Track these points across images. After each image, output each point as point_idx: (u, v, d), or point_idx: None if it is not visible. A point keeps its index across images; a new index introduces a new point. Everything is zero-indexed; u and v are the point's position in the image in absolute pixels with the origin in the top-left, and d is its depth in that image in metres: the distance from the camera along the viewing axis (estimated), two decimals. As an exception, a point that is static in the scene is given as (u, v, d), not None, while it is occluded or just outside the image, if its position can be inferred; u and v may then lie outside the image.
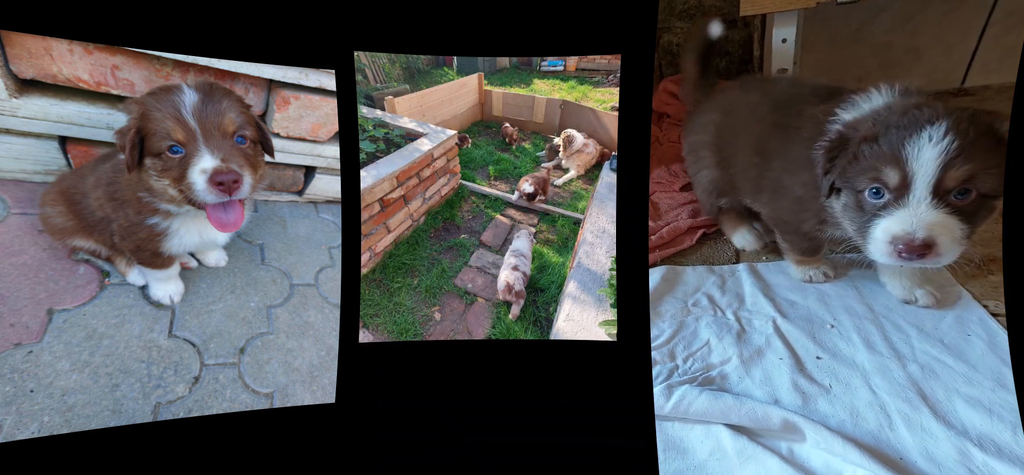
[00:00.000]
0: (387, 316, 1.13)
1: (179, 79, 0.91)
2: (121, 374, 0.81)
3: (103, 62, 0.87)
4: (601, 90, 1.50)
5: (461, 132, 1.65)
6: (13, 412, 0.73)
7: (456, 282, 1.27)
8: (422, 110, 1.58)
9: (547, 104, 1.79)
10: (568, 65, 1.59)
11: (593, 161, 1.67)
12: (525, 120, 1.85)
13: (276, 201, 1.17)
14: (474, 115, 1.84)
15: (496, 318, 1.20)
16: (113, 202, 0.82)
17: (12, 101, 0.84)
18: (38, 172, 0.92)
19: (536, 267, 1.32)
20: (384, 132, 1.42)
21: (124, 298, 0.89)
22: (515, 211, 1.56)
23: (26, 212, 0.90)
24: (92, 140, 0.92)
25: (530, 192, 1.53)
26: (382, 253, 1.29)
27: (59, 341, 0.80)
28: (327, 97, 1.04)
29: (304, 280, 1.06)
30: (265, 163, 0.86)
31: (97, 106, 0.90)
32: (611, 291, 1.05)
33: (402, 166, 1.32)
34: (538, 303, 1.23)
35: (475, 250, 1.40)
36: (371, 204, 1.23)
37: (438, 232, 1.45)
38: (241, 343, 0.92)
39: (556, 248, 1.42)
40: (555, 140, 1.69)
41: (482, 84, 1.81)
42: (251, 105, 0.84)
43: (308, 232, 1.15)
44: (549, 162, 1.73)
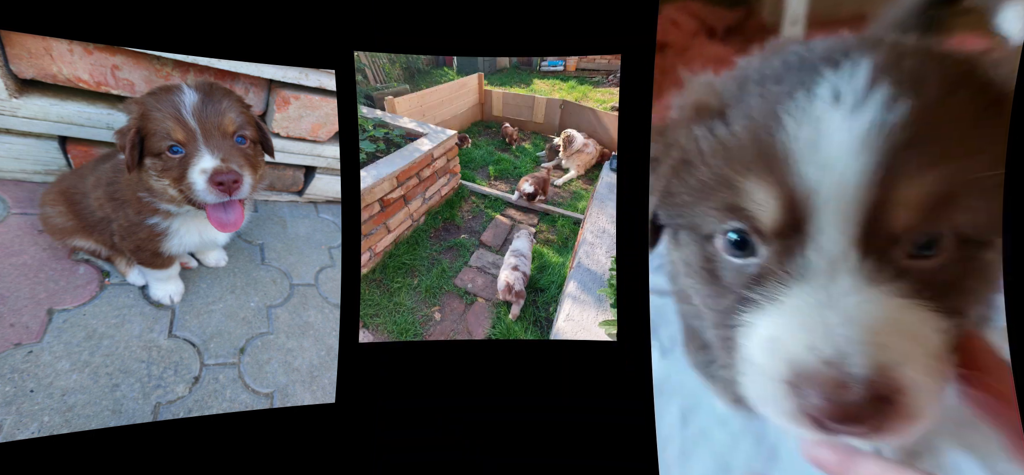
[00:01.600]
0: (387, 316, 1.13)
1: (179, 79, 0.91)
2: (121, 374, 0.81)
3: (103, 62, 0.87)
4: (601, 90, 1.49)
5: (461, 132, 1.65)
6: (13, 412, 0.73)
7: (456, 282, 1.27)
8: (422, 110, 1.58)
9: (547, 104, 1.79)
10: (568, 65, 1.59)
11: (593, 161, 1.67)
12: (525, 120, 1.85)
13: (276, 201, 1.17)
14: (474, 115, 1.84)
15: (496, 318, 1.20)
16: (113, 202, 0.82)
17: (12, 101, 0.84)
18: (38, 172, 0.92)
19: (536, 267, 1.32)
20: (384, 132, 1.42)
21: (124, 298, 0.89)
22: (515, 211, 1.56)
23: (26, 212, 0.90)
24: (92, 140, 0.92)
25: (530, 192, 1.53)
26: (382, 253, 1.29)
27: (59, 341, 0.80)
28: (327, 97, 1.04)
29: (304, 280, 1.06)
30: (265, 163, 0.86)
31: (97, 106, 0.90)
32: (611, 291, 1.05)
33: (402, 166, 1.32)
34: (538, 303, 1.23)
35: (475, 250, 1.40)
36: (371, 204, 1.23)
37: (438, 232, 1.45)
38: (241, 343, 0.92)
39: (556, 248, 1.42)
40: (555, 140, 1.69)
41: (482, 84, 1.81)
42: (251, 105, 0.84)
43: (308, 232, 1.15)
44: (549, 162, 1.73)
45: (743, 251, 0.39)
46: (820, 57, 0.37)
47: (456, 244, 1.40)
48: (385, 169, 1.29)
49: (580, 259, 1.23)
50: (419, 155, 1.39)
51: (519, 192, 1.55)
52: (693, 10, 1.01)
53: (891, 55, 0.36)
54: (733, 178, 0.37)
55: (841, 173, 0.33)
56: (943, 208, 0.33)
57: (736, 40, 0.95)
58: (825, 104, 0.34)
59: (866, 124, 0.33)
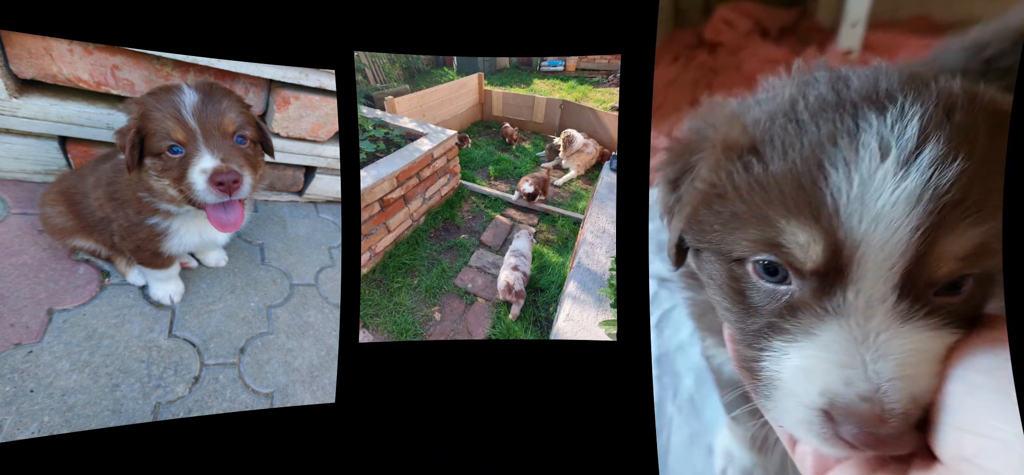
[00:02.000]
0: (387, 316, 1.13)
1: (179, 79, 0.91)
2: (121, 374, 0.81)
3: (103, 62, 0.87)
4: (601, 90, 1.49)
5: (461, 132, 1.65)
6: (13, 412, 0.73)
7: (456, 282, 1.27)
8: (422, 110, 1.58)
9: (547, 104, 1.79)
10: (568, 65, 1.59)
11: (593, 161, 1.67)
12: (525, 120, 1.85)
13: (276, 201, 1.17)
14: (474, 115, 1.84)
15: (496, 318, 1.20)
16: (113, 202, 0.82)
17: (12, 101, 0.84)
18: (38, 172, 0.92)
19: (536, 267, 1.32)
20: (384, 132, 1.42)
21: (124, 298, 0.89)
22: (515, 211, 1.56)
23: (26, 212, 0.90)
24: (92, 140, 0.92)
25: (530, 192, 1.53)
26: (382, 253, 1.29)
27: (59, 341, 0.80)
28: (327, 97, 1.04)
29: (304, 280, 1.06)
30: (265, 163, 0.86)
31: (97, 106, 0.90)
32: (611, 291, 1.05)
33: (402, 166, 1.32)
34: (538, 303, 1.23)
35: (475, 250, 1.40)
36: (371, 204, 1.23)
37: (438, 232, 1.45)
38: (241, 343, 0.92)
39: (556, 248, 1.42)
40: (555, 140, 1.69)
41: (482, 84, 1.81)
42: (251, 105, 0.84)
43: (308, 232, 1.15)
44: (549, 162, 1.73)
45: (774, 276, 0.38)
46: (861, 96, 0.36)
47: (456, 244, 1.40)
48: (385, 169, 1.29)
49: (580, 259, 1.24)
50: (419, 155, 1.39)
51: (519, 192, 1.55)
52: (748, 10, 1.01)
53: (941, 107, 0.35)
54: (772, 218, 0.37)
55: (888, 228, 0.33)
56: (981, 256, 0.34)
57: (790, 41, 0.95)
58: (873, 157, 0.34)
59: (917, 184, 0.33)
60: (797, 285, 0.37)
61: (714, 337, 0.53)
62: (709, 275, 0.44)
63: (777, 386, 0.37)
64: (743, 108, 0.43)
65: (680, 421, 0.81)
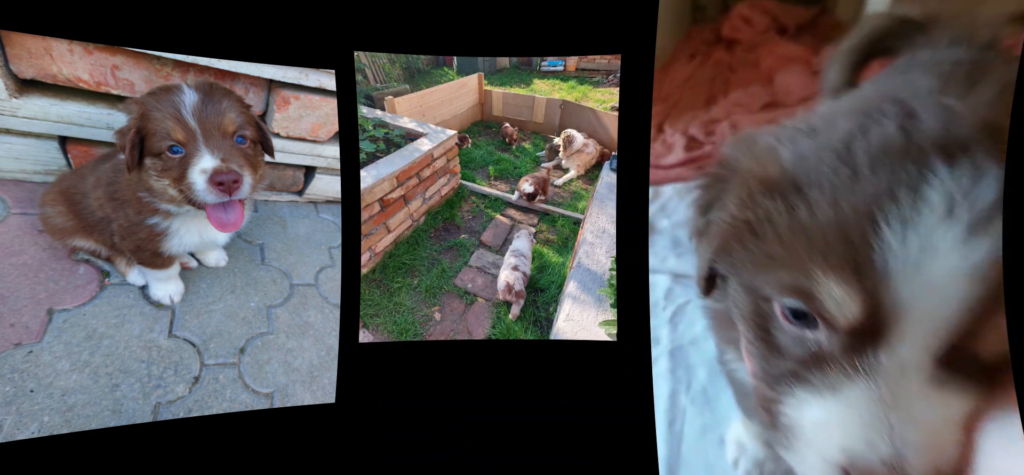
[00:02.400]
0: (387, 316, 1.13)
1: (179, 79, 0.91)
2: (121, 374, 0.81)
3: (103, 62, 0.87)
4: (601, 90, 1.49)
5: (461, 132, 1.65)
6: (13, 412, 0.73)
7: (456, 282, 1.27)
8: (422, 110, 1.58)
9: (547, 104, 1.79)
10: (568, 65, 1.59)
11: (593, 161, 1.67)
12: (525, 120, 1.85)
13: (276, 201, 1.17)
14: (474, 115, 1.84)
15: (496, 318, 1.20)
16: (113, 202, 0.82)
17: (12, 101, 0.84)
18: (38, 172, 0.92)
19: (536, 267, 1.32)
20: (384, 132, 1.42)
21: (124, 298, 0.89)
22: (515, 211, 1.56)
23: (26, 212, 0.90)
24: (92, 140, 0.92)
25: (530, 192, 1.53)
26: (382, 253, 1.29)
27: (59, 341, 0.80)
28: (327, 97, 1.04)
29: (304, 280, 1.06)
30: (265, 163, 0.86)
31: (97, 106, 0.90)
32: (611, 291, 1.05)
33: (402, 166, 1.32)
34: (538, 303, 1.23)
35: (475, 250, 1.40)
36: (371, 204, 1.23)
37: (438, 232, 1.45)
38: (241, 343, 0.92)
39: (556, 248, 1.42)
40: (555, 140, 1.69)
41: (482, 84, 1.81)
42: (251, 105, 0.84)
43: (308, 232, 1.15)
44: (549, 162, 1.73)
45: (803, 321, 0.35)
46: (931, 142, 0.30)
47: (456, 244, 1.40)
48: (385, 169, 1.29)
49: (580, 259, 1.24)
50: (419, 155, 1.39)
51: (519, 192, 1.55)
52: (766, 7, 1.00)
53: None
54: (810, 268, 0.33)
55: (942, 300, 0.29)
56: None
57: (808, 38, 0.93)
58: (936, 217, 0.29)
59: (986, 256, 0.28)
60: (826, 336, 0.34)
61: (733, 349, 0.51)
62: (735, 303, 0.41)
63: (797, 434, 0.35)
64: (785, 136, 0.38)
65: (693, 413, 0.81)
